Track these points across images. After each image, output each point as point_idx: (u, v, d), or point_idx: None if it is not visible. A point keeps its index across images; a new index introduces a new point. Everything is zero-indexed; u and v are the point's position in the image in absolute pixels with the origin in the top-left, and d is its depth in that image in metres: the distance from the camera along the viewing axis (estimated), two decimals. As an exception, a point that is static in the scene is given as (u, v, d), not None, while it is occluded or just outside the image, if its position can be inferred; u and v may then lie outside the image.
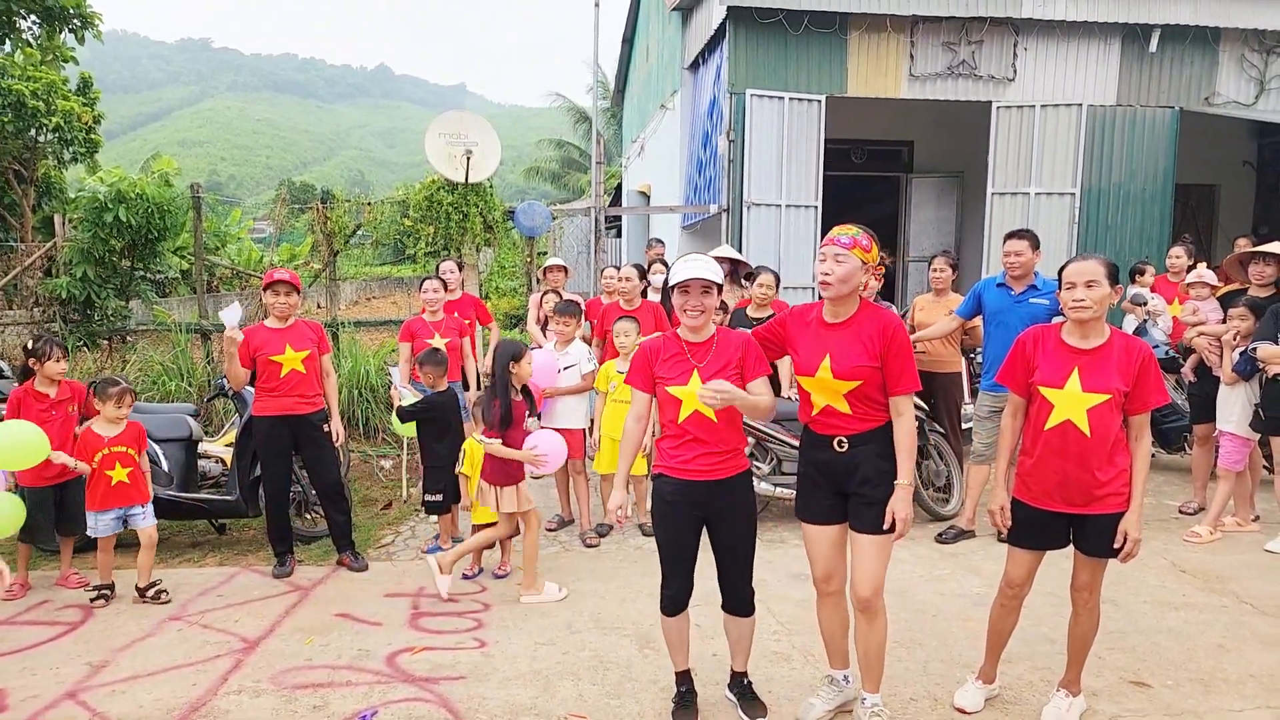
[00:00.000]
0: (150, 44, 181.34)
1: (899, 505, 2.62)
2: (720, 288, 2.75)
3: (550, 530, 5.07)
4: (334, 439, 4.52)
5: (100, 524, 4.02)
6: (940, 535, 4.87)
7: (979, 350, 5.29)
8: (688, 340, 2.78)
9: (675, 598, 2.85)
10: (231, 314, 4.15)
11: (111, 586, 4.08)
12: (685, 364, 2.74)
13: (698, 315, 2.72)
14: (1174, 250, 6.67)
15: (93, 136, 11.84)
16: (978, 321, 5.04)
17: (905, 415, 2.66)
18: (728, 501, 2.75)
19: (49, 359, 4.07)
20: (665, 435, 2.79)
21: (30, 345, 4.11)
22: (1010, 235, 4.76)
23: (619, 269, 5.82)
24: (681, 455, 2.73)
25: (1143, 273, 6.83)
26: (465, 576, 4.34)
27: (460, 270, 6.25)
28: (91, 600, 4.02)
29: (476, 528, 4.34)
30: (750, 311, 5.35)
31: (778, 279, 5.45)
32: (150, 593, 4.04)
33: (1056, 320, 2.90)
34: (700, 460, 2.71)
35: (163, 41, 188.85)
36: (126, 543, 4.95)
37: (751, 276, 5.49)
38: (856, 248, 2.61)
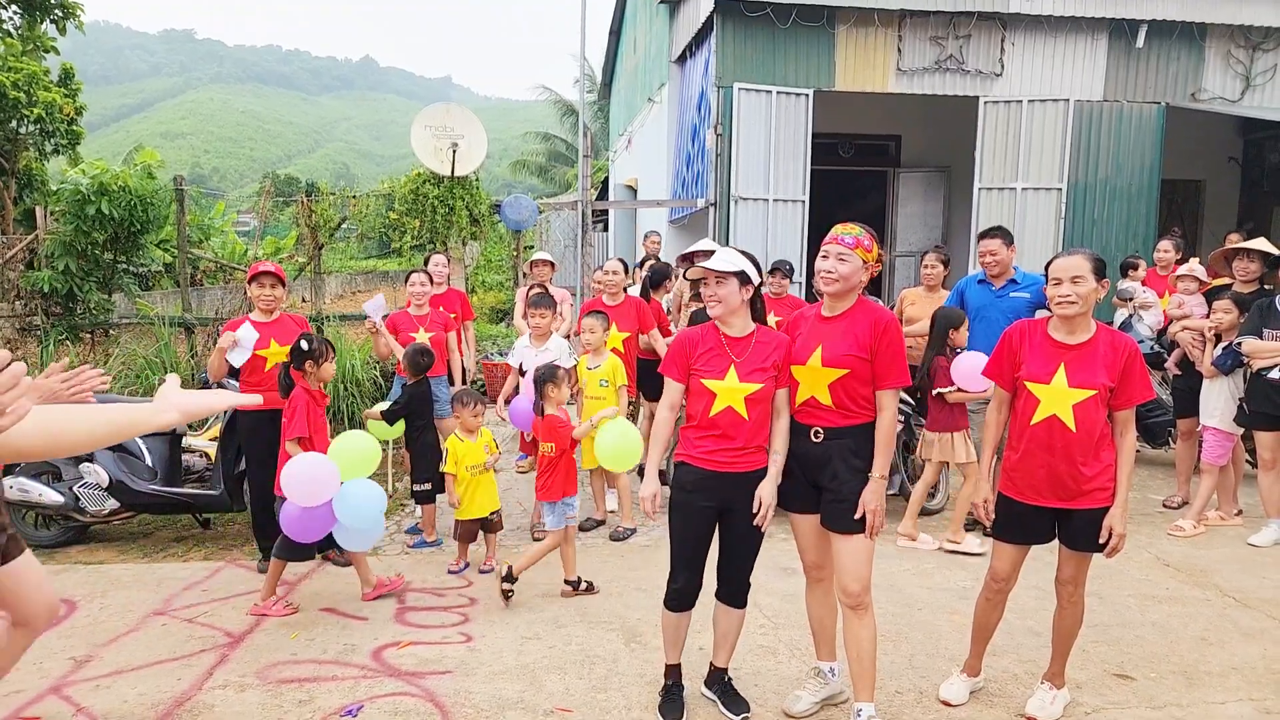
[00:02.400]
0: (132, 35, 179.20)
1: (870, 497, 2.63)
2: (742, 277, 2.72)
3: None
4: None
5: (559, 515, 3.99)
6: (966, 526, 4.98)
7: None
8: (726, 335, 2.77)
9: (682, 591, 2.82)
10: (244, 335, 4.17)
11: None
12: (724, 359, 2.73)
13: (716, 305, 2.73)
14: (1162, 244, 6.70)
15: (74, 128, 11.69)
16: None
17: (887, 410, 2.67)
18: (745, 494, 2.73)
19: (326, 359, 4.05)
20: (692, 425, 2.78)
21: (307, 346, 4.04)
22: (984, 235, 4.83)
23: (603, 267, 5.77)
24: (705, 446, 2.72)
25: (1135, 267, 6.81)
26: (451, 571, 4.32)
27: (448, 264, 6.22)
28: (579, 589, 3.99)
29: (459, 524, 4.32)
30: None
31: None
32: (582, 586, 4.02)
33: (1041, 314, 2.91)
34: (724, 454, 2.70)
35: (145, 32, 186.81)
36: (105, 537, 4.91)
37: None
38: (859, 247, 2.64)
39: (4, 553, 2.44)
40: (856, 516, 2.64)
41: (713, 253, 2.86)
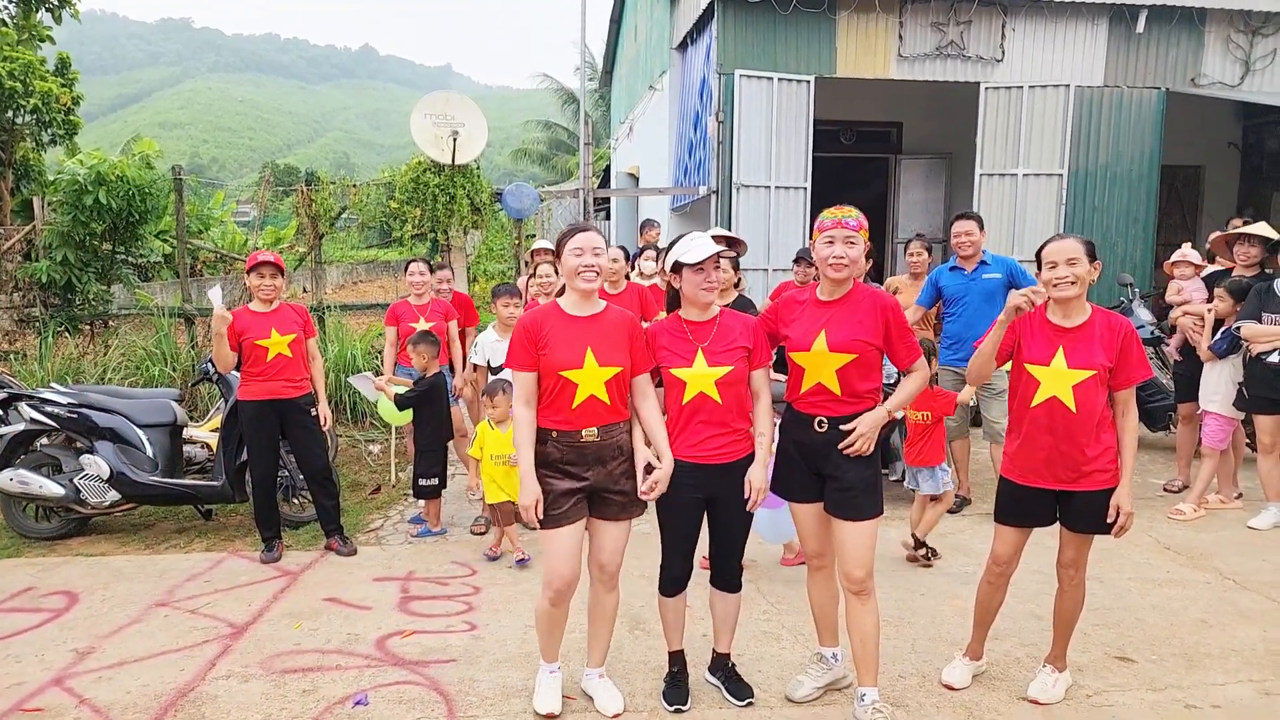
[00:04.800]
0: (129, 24, 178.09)
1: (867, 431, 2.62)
2: (733, 261, 2.74)
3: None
4: (321, 423, 4.48)
5: (937, 480, 4.13)
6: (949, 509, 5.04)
7: None
8: (689, 320, 2.76)
9: (676, 578, 2.85)
10: (216, 294, 4.10)
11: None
12: (688, 345, 2.73)
13: (715, 291, 2.74)
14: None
15: (72, 118, 11.61)
16: None
17: (918, 371, 2.72)
18: (733, 483, 2.74)
19: None
20: (669, 419, 2.77)
21: None
22: (959, 217, 5.00)
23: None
24: (688, 439, 2.72)
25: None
26: (490, 557, 4.32)
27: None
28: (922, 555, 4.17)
29: (496, 508, 4.28)
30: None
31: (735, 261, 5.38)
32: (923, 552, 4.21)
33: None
34: (708, 443, 2.70)
35: (142, 21, 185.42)
36: (106, 529, 4.91)
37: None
38: (862, 229, 2.64)
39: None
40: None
41: (736, 240, 2.81)
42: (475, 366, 5.01)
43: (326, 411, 4.55)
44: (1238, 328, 4.63)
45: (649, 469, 2.70)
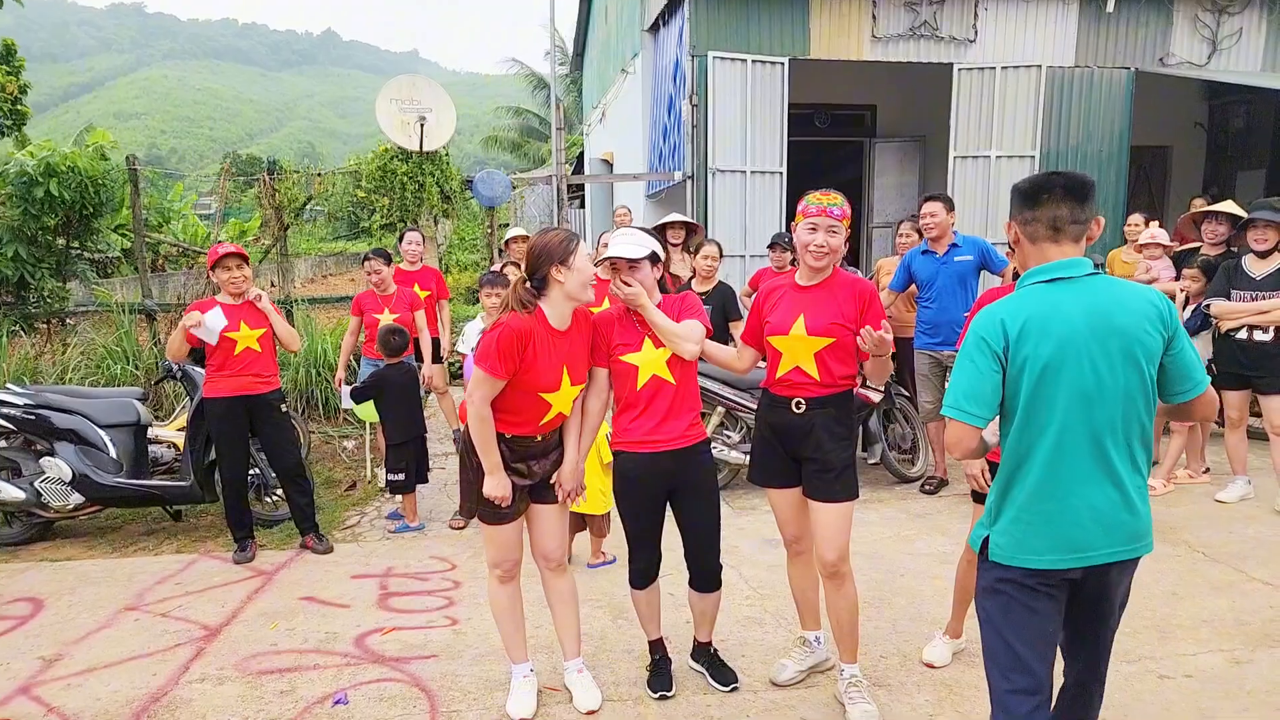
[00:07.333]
0: (78, 9, 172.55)
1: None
2: (654, 260, 2.68)
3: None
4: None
5: None
6: (923, 487, 5.15)
7: None
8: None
9: (644, 571, 2.84)
10: (215, 321, 4.04)
11: None
12: (635, 333, 2.70)
13: (616, 294, 2.71)
14: (1132, 218, 6.72)
15: (19, 108, 11.16)
16: None
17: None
18: (691, 471, 2.73)
19: None
20: (623, 409, 2.74)
21: None
22: (927, 199, 5.00)
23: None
24: (644, 425, 2.69)
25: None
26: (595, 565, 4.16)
27: (423, 242, 6.08)
28: None
29: (590, 518, 4.14)
30: (695, 285, 5.28)
31: (720, 249, 5.38)
32: None
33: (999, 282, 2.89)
34: (661, 429, 2.67)
35: (91, 6, 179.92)
36: (71, 533, 4.77)
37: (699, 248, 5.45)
38: (846, 218, 2.62)
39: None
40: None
41: (692, 225, 2.74)
42: (463, 356, 4.97)
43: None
44: (1207, 305, 4.71)
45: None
